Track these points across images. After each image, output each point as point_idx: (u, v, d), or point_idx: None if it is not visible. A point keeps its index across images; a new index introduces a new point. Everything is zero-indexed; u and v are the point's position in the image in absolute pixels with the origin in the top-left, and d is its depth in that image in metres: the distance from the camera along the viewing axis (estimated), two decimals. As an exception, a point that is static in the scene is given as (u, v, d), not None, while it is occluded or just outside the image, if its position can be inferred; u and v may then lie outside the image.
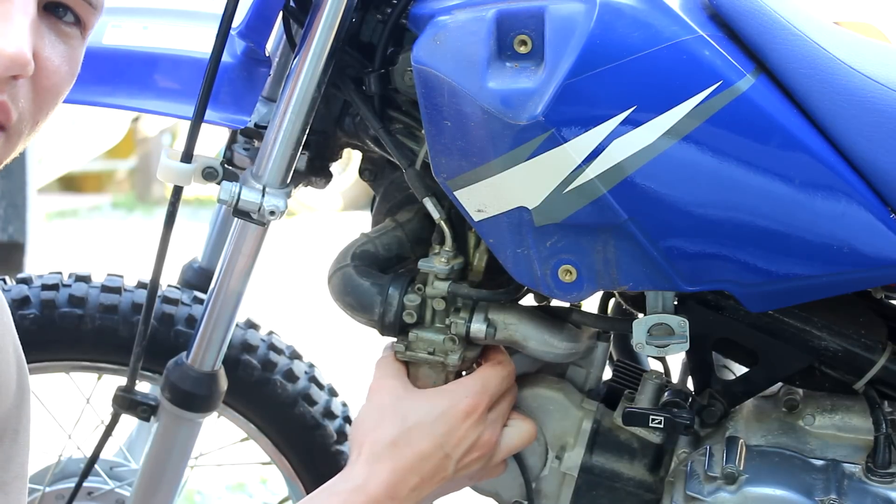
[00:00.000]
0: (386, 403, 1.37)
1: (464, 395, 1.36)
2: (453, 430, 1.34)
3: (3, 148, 0.98)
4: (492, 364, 1.40)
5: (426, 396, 1.37)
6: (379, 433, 1.34)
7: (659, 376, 1.43)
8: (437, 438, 1.34)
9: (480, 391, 1.37)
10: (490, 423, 1.38)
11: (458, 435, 1.34)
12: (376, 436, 1.34)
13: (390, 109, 1.41)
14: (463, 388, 1.37)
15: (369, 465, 1.32)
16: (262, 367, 1.73)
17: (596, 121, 1.23)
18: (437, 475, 1.34)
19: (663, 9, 1.23)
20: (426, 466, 1.33)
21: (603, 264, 1.29)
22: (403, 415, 1.35)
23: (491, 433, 1.38)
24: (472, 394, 1.36)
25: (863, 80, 1.24)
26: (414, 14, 1.33)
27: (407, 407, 1.36)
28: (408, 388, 1.39)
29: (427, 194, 1.38)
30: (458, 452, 1.35)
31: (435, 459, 1.34)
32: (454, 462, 1.35)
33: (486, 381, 1.38)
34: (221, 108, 1.47)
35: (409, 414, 1.35)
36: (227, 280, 1.46)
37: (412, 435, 1.34)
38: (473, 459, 1.37)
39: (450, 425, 1.34)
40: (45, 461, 1.81)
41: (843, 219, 1.23)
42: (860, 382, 1.36)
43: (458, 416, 1.34)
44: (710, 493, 1.32)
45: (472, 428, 1.35)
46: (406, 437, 1.33)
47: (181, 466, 1.60)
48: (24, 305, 1.67)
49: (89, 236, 6.58)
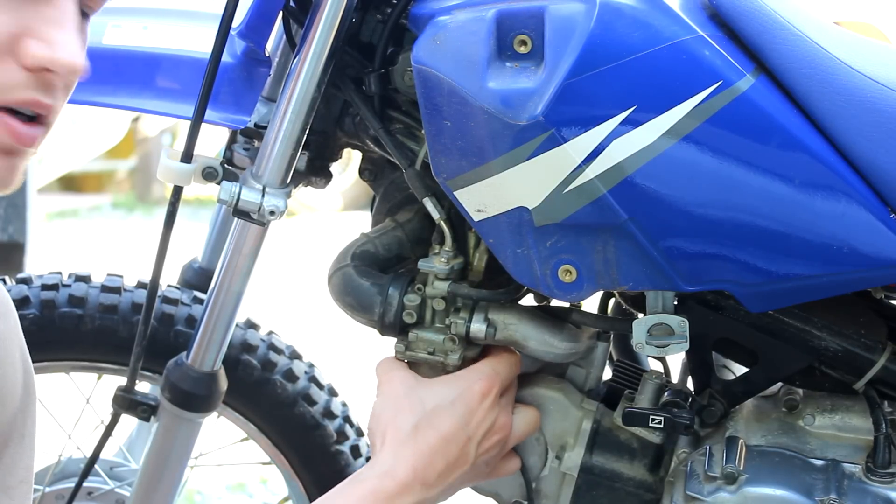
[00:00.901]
0: (400, 393, 1.37)
1: (478, 378, 1.36)
2: (473, 411, 1.34)
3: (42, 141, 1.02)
4: (499, 352, 1.41)
5: (440, 382, 1.38)
6: (399, 420, 1.34)
7: (659, 376, 1.43)
8: (459, 419, 1.34)
9: (492, 374, 1.38)
10: (503, 407, 1.38)
11: (478, 416, 1.35)
12: (398, 423, 1.34)
13: (390, 109, 1.41)
14: (476, 373, 1.38)
15: (395, 451, 1.32)
16: (262, 367, 1.73)
17: (596, 121, 1.23)
18: (460, 459, 1.34)
19: (663, 9, 1.23)
20: (451, 449, 1.33)
21: (603, 264, 1.29)
22: (421, 400, 1.35)
23: (506, 416, 1.38)
24: (485, 376, 1.37)
25: (863, 80, 1.24)
26: (414, 14, 1.33)
27: (423, 393, 1.36)
28: (418, 378, 1.39)
29: (427, 194, 1.38)
30: (479, 434, 1.35)
31: (459, 441, 1.34)
32: (475, 444, 1.35)
33: (497, 366, 1.39)
34: (221, 108, 1.47)
35: (426, 398, 1.35)
36: (227, 280, 1.46)
37: (433, 418, 1.33)
38: (493, 443, 1.37)
39: (469, 406, 1.34)
40: (45, 461, 1.81)
41: (843, 219, 1.23)
42: (860, 382, 1.36)
43: (475, 397, 1.35)
44: (710, 493, 1.32)
45: (490, 410, 1.36)
46: (428, 421, 1.33)
47: (181, 466, 1.60)
48: (24, 305, 1.67)
49: (89, 236, 6.58)
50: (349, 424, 1.78)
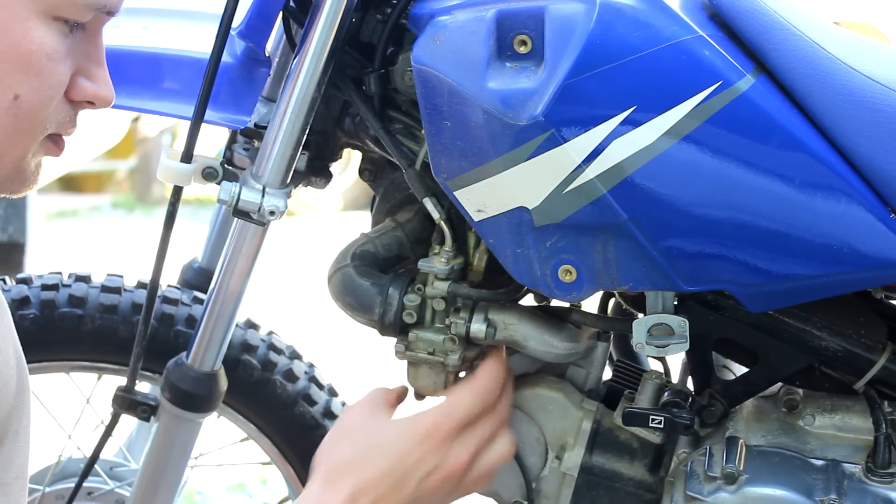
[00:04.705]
0: (350, 426, 1.37)
1: (426, 418, 1.35)
2: (410, 453, 1.33)
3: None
4: (467, 385, 1.38)
5: (390, 420, 1.37)
6: (337, 453, 1.34)
7: (659, 376, 1.43)
8: (393, 460, 1.33)
9: (445, 414, 1.35)
10: (459, 445, 1.35)
11: (415, 457, 1.33)
12: (335, 456, 1.34)
13: (390, 109, 1.41)
14: (428, 413, 1.36)
15: (324, 485, 1.32)
16: (262, 367, 1.73)
17: (596, 121, 1.23)
18: (395, 495, 1.33)
19: (663, 9, 1.23)
20: (381, 487, 1.32)
21: (603, 264, 1.29)
22: (364, 436, 1.35)
23: (457, 456, 1.35)
24: (434, 417, 1.35)
25: (863, 80, 1.24)
26: (414, 14, 1.33)
27: (369, 429, 1.36)
28: (375, 413, 1.38)
29: (427, 194, 1.38)
30: (417, 474, 1.33)
31: (391, 480, 1.32)
32: (415, 483, 1.33)
33: (455, 405, 1.36)
34: (221, 108, 1.47)
35: (369, 435, 1.35)
36: (227, 280, 1.46)
37: (368, 455, 1.33)
38: (438, 481, 1.35)
39: (406, 448, 1.33)
40: (45, 461, 1.81)
41: (843, 219, 1.23)
42: (860, 382, 1.36)
43: (415, 439, 1.33)
44: (710, 493, 1.32)
45: (433, 451, 1.34)
46: (362, 458, 1.33)
47: (181, 466, 1.60)
48: (24, 305, 1.67)
49: (89, 236, 6.58)
50: (349, 424, 1.78)
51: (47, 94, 1.05)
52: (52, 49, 1.03)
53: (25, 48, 1.01)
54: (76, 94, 1.08)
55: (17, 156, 1.07)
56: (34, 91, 1.03)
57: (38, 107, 1.04)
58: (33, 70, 1.02)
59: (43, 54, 1.02)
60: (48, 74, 1.04)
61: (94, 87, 1.09)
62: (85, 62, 1.08)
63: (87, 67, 1.08)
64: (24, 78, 1.02)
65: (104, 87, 1.10)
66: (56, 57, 1.04)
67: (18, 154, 1.07)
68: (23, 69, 1.02)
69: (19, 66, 1.02)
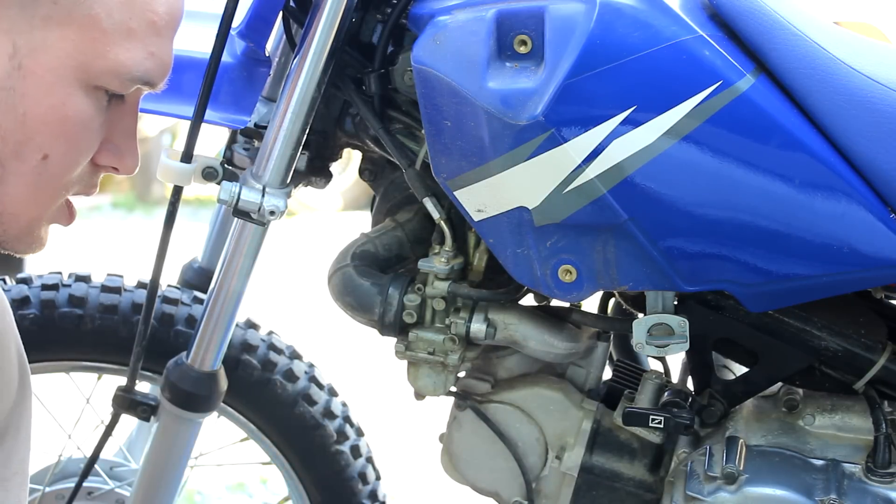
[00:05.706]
0: None
1: None
2: None
3: None
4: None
5: None
6: None
7: (659, 376, 1.43)
8: None
9: None
10: None
11: None
12: None
13: (390, 109, 1.41)
14: None
15: None
16: (262, 367, 1.73)
17: (596, 121, 1.23)
18: None
19: (663, 9, 1.23)
20: None
21: (603, 264, 1.29)
22: None
23: None
24: None
25: (863, 80, 1.24)
26: (414, 14, 1.33)
27: None
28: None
29: (427, 194, 1.38)
30: None
31: None
32: None
33: None
34: (221, 108, 1.47)
35: None
36: (227, 280, 1.46)
37: None
38: None
39: None
40: (45, 461, 1.81)
41: (843, 219, 1.23)
42: (860, 382, 1.36)
43: None
44: (710, 492, 1.32)
45: None
46: None
47: (181, 466, 1.60)
48: (24, 305, 1.67)
49: (89, 236, 6.58)
50: (349, 424, 1.78)
51: (76, 159, 1.05)
52: (90, 117, 1.03)
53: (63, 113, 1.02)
54: (102, 160, 1.08)
55: (34, 216, 1.07)
56: (63, 155, 1.04)
57: (64, 170, 1.05)
58: (67, 135, 1.03)
59: (79, 121, 1.03)
60: (80, 140, 1.04)
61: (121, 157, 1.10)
62: (116, 131, 1.08)
63: (117, 136, 1.08)
64: (56, 141, 1.02)
65: (130, 158, 1.10)
66: (92, 126, 1.04)
67: (35, 215, 1.07)
68: (57, 133, 1.02)
69: (54, 129, 1.02)
